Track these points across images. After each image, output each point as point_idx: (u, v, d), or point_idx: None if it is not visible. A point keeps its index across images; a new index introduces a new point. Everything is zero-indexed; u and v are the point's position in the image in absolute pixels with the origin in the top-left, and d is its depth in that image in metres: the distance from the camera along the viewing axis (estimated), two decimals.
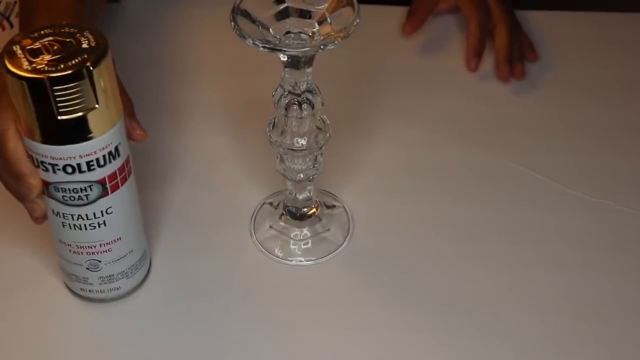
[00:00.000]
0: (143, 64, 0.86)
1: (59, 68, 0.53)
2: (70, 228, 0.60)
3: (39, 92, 0.53)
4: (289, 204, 0.71)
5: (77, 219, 0.60)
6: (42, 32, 0.56)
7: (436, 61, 0.87)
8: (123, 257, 0.64)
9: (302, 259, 0.70)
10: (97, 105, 0.55)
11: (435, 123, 0.81)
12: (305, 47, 0.58)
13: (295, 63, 0.60)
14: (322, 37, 0.59)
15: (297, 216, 0.71)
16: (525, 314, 0.65)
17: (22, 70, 0.53)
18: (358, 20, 0.58)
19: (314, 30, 0.60)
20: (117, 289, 0.65)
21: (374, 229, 0.72)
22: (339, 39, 0.58)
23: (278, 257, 0.70)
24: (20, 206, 0.70)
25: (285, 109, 0.63)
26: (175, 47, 0.89)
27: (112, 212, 0.61)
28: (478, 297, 0.66)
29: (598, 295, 0.66)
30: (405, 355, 0.63)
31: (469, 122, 0.81)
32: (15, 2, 0.93)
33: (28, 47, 0.55)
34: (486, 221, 0.72)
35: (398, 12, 0.92)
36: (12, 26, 0.90)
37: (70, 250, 0.62)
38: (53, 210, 0.60)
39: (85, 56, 0.54)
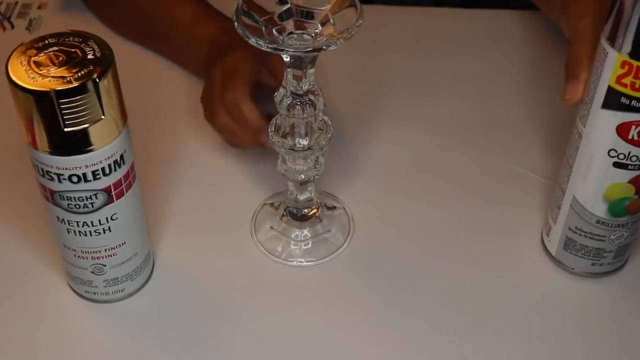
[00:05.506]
0: (144, 63, 0.86)
1: (65, 81, 0.53)
2: (75, 234, 0.61)
3: (45, 105, 0.53)
4: (289, 205, 0.71)
5: (82, 226, 0.60)
6: (47, 42, 0.56)
7: (437, 62, 0.87)
8: (127, 261, 0.65)
9: (303, 260, 0.70)
10: (102, 117, 0.55)
11: (436, 124, 0.81)
12: (307, 48, 0.59)
13: (297, 64, 0.61)
14: (324, 38, 0.59)
15: (298, 217, 0.71)
16: (526, 315, 0.66)
17: (28, 83, 0.53)
18: (361, 22, 0.58)
19: (317, 31, 0.60)
20: (122, 290, 0.66)
21: (374, 230, 0.72)
22: (341, 40, 0.58)
23: (279, 257, 0.70)
24: (25, 206, 0.71)
25: (288, 109, 0.63)
26: None
27: (117, 218, 0.61)
28: (478, 298, 0.67)
29: (600, 296, 0.67)
30: (406, 355, 0.64)
31: (470, 123, 0.81)
32: (16, 2, 0.92)
33: (33, 58, 0.55)
34: (487, 222, 0.72)
35: (399, 12, 0.92)
36: (12, 26, 0.90)
37: (75, 255, 0.63)
38: (58, 217, 0.60)
39: (91, 68, 0.54)
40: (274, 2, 0.61)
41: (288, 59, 0.60)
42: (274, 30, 0.60)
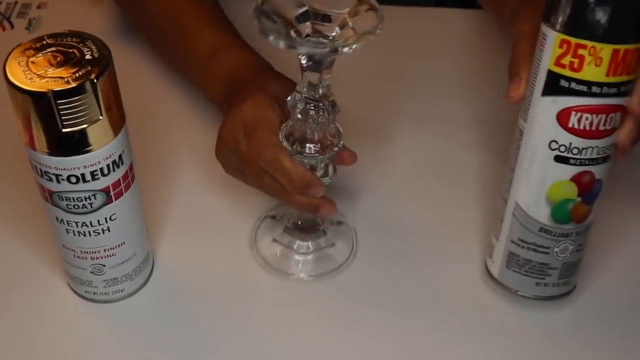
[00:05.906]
0: (145, 65, 0.86)
1: (63, 82, 0.53)
2: (75, 234, 0.61)
3: (43, 106, 0.53)
4: (293, 216, 0.70)
5: (82, 226, 0.61)
6: (45, 42, 0.57)
7: (437, 62, 0.87)
8: (127, 261, 0.65)
9: (304, 274, 0.69)
10: (101, 117, 0.55)
11: (436, 124, 0.81)
12: (325, 48, 0.57)
13: (315, 67, 0.59)
14: (342, 41, 0.58)
15: (302, 229, 0.70)
16: (528, 315, 0.66)
17: (26, 84, 0.53)
18: (382, 26, 0.57)
19: (334, 34, 0.59)
20: (121, 290, 0.66)
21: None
22: (360, 42, 0.56)
23: (279, 270, 0.69)
24: (25, 206, 0.71)
25: (301, 114, 0.62)
26: None
27: (116, 219, 0.61)
28: (479, 298, 0.67)
29: (601, 296, 0.67)
30: (406, 354, 0.64)
31: (470, 123, 0.81)
32: (15, 2, 0.92)
33: (31, 59, 0.55)
34: (487, 222, 0.71)
35: (399, 12, 0.92)
36: (12, 26, 0.90)
37: (74, 255, 0.63)
38: (57, 218, 0.60)
39: (89, 68, 0.54)
40: (292, 5, 0.59)
41: (305, 62, 0.59)
42: (291, 32, 0.59)
